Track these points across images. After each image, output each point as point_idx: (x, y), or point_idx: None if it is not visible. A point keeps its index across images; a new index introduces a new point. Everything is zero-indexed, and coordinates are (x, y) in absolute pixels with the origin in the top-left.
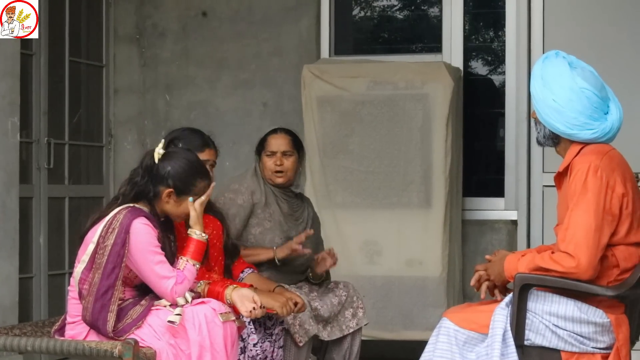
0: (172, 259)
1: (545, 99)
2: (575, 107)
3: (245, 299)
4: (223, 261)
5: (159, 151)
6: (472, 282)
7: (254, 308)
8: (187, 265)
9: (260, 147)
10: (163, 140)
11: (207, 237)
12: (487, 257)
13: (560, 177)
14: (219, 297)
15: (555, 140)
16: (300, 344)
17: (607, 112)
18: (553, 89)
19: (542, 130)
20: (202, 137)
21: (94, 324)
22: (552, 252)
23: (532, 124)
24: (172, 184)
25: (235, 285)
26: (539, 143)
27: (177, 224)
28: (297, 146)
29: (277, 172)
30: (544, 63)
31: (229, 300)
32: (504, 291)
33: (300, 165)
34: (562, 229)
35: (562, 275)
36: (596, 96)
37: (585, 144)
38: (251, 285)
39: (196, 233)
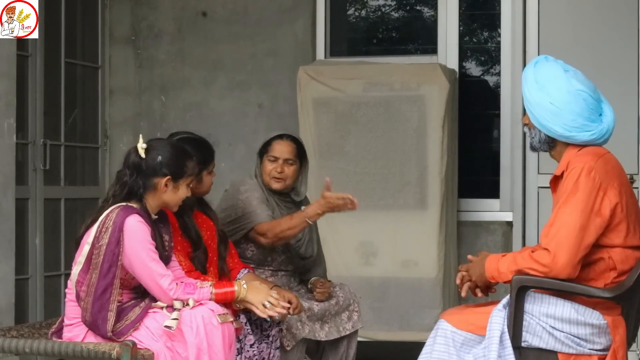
0: (167, 258)
1: (541, 102)
2: (573, 108)
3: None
4: (217, 262)
5: (142, 146)
6: (457, 280)
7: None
8: (206, 289)
9: (264, 150)
10: (141, 136)
11: (241, 297)
12: (470, 257)
13: (556, 180)
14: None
15: (550, 144)
16: (288, 348)
17: (602, 114)
18: (550, 91)
19: (537, 135)
20: (204, 155)
21: (94, 324)
22: (533, 251)
23: (525, 130)
24: (168, 172)
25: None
26: (532, 149)
27: (172, 227)
28: (300, 155)
29: (275, 177)
30: (536, 67)
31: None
32: (486, 291)
33: (301, 174)
34: (547, 225)
35: (541, 273)
36: (592, 97)
37: (582, 146)
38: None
39: (243, 288)
